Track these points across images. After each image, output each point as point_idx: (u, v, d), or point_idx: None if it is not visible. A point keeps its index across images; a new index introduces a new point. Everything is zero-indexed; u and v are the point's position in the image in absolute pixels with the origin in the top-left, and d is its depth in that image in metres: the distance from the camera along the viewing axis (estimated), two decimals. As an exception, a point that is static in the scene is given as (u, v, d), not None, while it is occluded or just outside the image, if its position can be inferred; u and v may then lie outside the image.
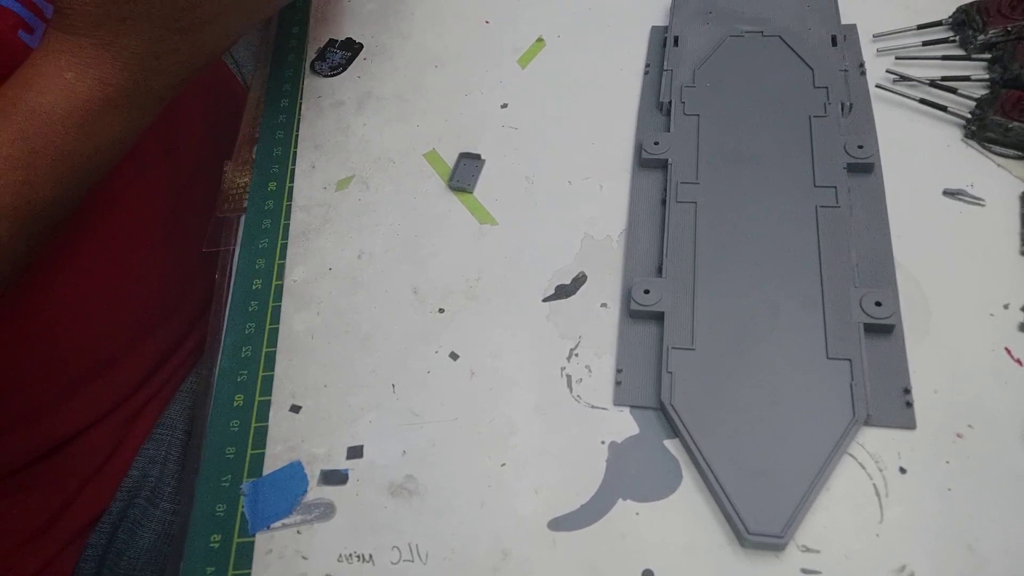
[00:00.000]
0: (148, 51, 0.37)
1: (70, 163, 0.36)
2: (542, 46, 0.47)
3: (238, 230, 0.44)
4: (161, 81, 0.39)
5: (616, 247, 0.39)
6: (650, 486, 0.32)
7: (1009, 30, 0.40)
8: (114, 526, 0.49)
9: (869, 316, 0.33)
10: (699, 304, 0.35)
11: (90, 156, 0.37)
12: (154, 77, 0.38)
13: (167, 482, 0.49)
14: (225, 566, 0.33)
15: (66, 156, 0.36)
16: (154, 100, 0.39)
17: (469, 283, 0.39)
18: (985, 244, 0.36)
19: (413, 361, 0.37)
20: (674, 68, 0.43)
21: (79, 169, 0.37)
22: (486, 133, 0.44)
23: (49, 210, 0.36)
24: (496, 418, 0.35)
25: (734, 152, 0.39)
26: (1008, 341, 0.33)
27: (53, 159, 0.35)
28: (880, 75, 0.41)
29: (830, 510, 0.30)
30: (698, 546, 0.31)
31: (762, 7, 0.44)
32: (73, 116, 0.35)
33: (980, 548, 0.29)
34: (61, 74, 0.35)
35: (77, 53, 0.35)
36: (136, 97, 0.38)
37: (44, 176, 0.35)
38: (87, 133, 0.36)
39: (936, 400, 0.32)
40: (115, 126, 0.37)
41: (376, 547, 0.32)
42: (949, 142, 0.39)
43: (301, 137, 0.46)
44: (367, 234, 0.42)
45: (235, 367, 0.38)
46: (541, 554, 0.31)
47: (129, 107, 0.38)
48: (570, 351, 0.36)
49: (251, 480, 0.35)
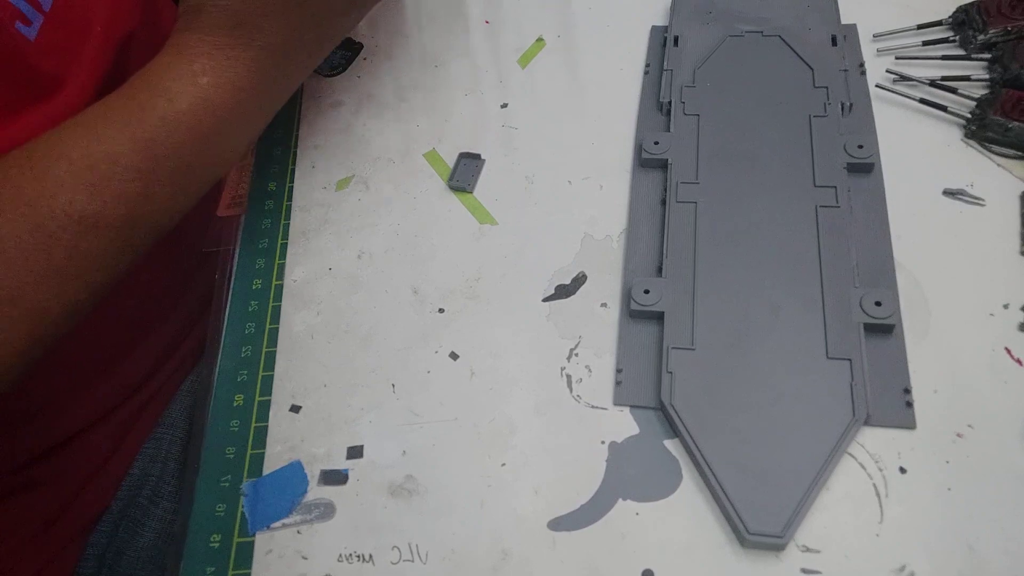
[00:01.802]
0: (280, 47, 0.35)
1: (190, 174, 0.35)
2: (542, 46, 0.47)
3: (238, 230, 0.44)
4: (286, 84, 0.38)
5: (616, 247, 0.39)
6: (650, 486, 0.32)
7: (1009, 30, 0.40)
8: (115, 525, 0.49)
9: (869, 316, 0.33)
10: (699, 304, 0.35)
11: (208, 167, 0.36)
12: (281, 77, 0.37)
13: (168, 481, 0.49)
14: (225, 566, 0.33)
15: (186, 167, 0.34)
16: (274, 104, 0.38)
17: (469, 283, 0.39)
18: (985, 244, 0.36)
19: (413, 361, 0.37)
20: (674, 68, 0.43)
21: (196, 181, 0.35)
22: (486, 133, 0.44)
23: (159, 221, 0.35)
24: (496, 418, 0.35)
25: (734, 152, 0.39)
26: (1008, 341, 0.33)
27: (173, 170, 0.34)
28: (880, 75, 0.41)
29: (830, 510, 0.30)
30: (698, 546, 0.31)
31: (762, 7, 0.44)
32: (203, 125, 0.34)
33: (980, 548, 0.29)
34: (196, 79, 0.33)
35: (214, 55, 0.34)
36: (263, 103, 0.37)
37: (162, 187, 0.34)
38: (212, 143, 0.35)
39: (936, 400, 0.32)
40: (238, 135, 0.36)
41: (376, 547, 0.32)
42: (949, 142, 0.39)
43: (301, 137, 0.46)
44: (367, 234, 0.42)
45: (235, 367, 0.38)
46: (541, 554, 0.31)
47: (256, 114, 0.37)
48: (570, 351, 0.36)
49: (251, 480, 0.35)
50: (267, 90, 0.36)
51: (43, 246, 0.31)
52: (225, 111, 0.34)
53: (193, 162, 0.34)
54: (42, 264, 0.31)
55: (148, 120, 0.33)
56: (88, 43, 0.41)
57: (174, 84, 0.33)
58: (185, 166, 0.34)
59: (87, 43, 0.41)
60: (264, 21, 0.34)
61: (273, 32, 0.34)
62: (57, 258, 0.31)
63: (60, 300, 0.32)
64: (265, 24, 0.34)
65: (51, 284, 0.32)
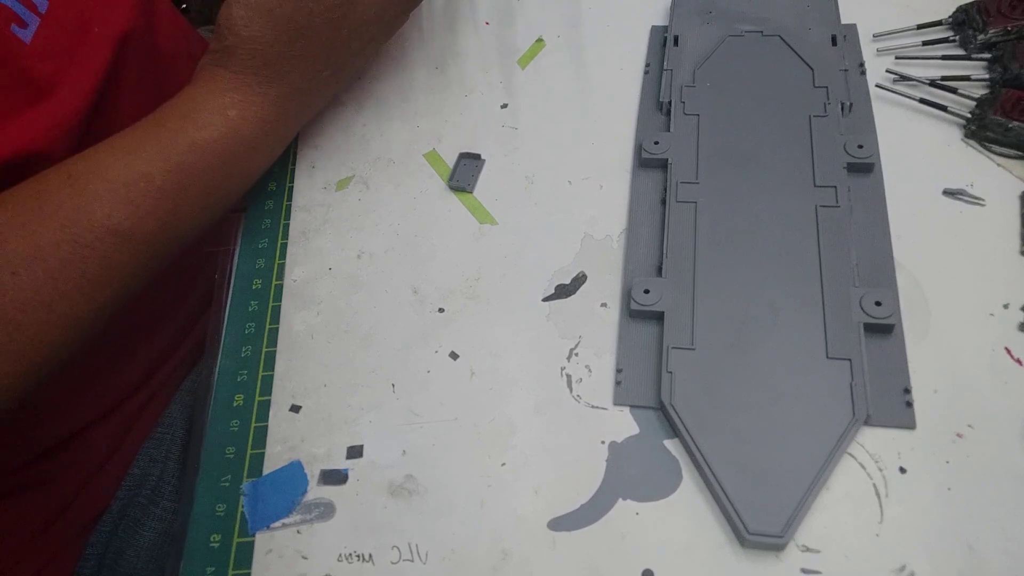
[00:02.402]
0: (304, 87, 0.39)
1: (215, 195, 0.38)
2: (542, 46, 0.47)
3: (238, 230, 0.44)
4: (306, 115, 0.42)
5: (616, 247, 0.39)
6: (650, 486, 0.32)
7: (1009, 30, 0.40)
8: (115, 524, 0.49)
9: (869, 316, 0.33)
10: (699, 304, 0.35)
11: (233, 189, 0.39)
12: (302, 110, 0.41)
13: (168, 481, 0.49)
14: (225, 566, 0.33)
15: (213, 189, 0.38)
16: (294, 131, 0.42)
17: (469, 283, 0.39)
18: (985, 244, 0.36)
19: (413, 361, 0.37)
20: (674, 68, 0.43)
21: (221, 200, 0.39)
22: (486, 133, 0.44)
23: (185, 236, 0.38)
24: (496, 418, 0.35)
25: (734, 152, 0.39)
26: (1008, 341, 0.33)
27: (201, 192, 0.37)
28: (880, 75, 0.41)
29: (830, 510, 0.30)
30: (698, 546, 0.31)
31: (762, 7, 0.44)
32: (229, 153, 0.37)
33: (980, 548, 0.29)
34: (224, 112, 0.37)
35: (242, 91, 0.37)
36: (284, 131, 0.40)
37: (190, 207, 0.37)
38: (238, 167, 0.38)
39: (936, 400, 0.32)
40: (261, 159, 0.40)
41: (376, 547, 0.32)
42: (949, 142, 0.39)
43: (301, 137, 0.46)
44: (367, 234, 0.42)
45: (235, 367, 0.38)
46: (541, 554, 0.31)
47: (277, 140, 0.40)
48: (570, 351, 0.36)
49: (251, 480, 0.35)
50: (289, 122, 0.40)
51: (79, 257, 0.33)
52: (250, 140, 0.38)
53: (219, 184, 0.38)
54: (78, 273, 0.34)
55: (179, 146, 0.36)
56: (84, 46, 0.41)
57: (204, 115, 0.37)
58: (211, 187, 0.37)
59: (83, 46, 0.41)
60: (289, 64, 0.38)
61: (296, 73, 0.38)
62: (92, 268, 0.34)
63: (91, 307, 0.34)
64: (289, 67, 0.38)
65: (85, 292, 0.34)
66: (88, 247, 0.34)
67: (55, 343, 0.34)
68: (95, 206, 0.34)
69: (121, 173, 0.35)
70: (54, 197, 0.34)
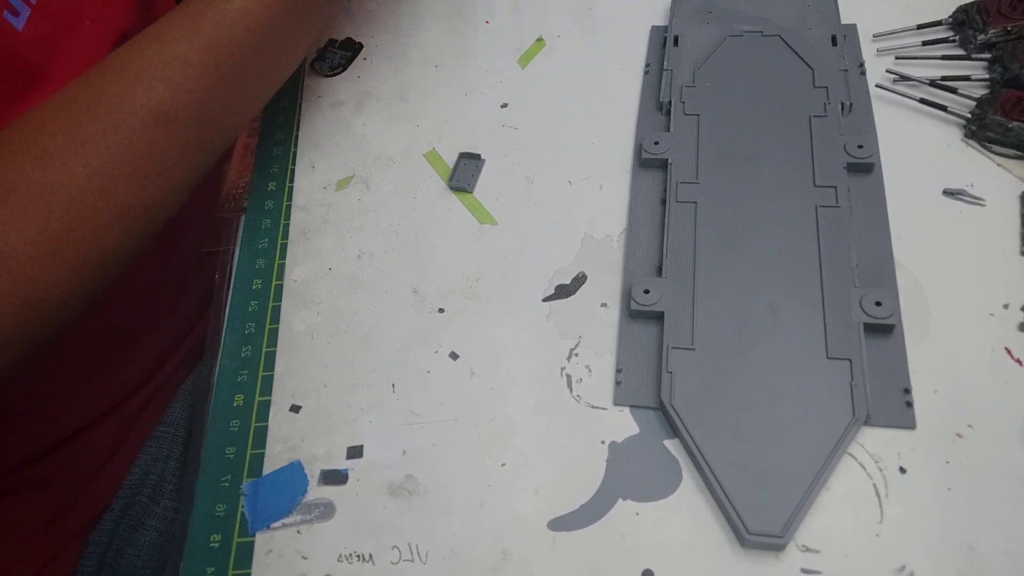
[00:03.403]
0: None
1: (249, 74, 0.38)
2: (542, 46, 0.47)
3: (238, 230, 0.44)
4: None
5: (616, 247, 0.39)
6: (650, 486, 0.32)
7: (1009, 30, 0.40)
8: (115, 523, 0.49)
9: (869, 316, 0.33)
10: (699, 304, 0.35)
11: (265, 70, 0.39)
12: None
13: (169, 480, 0.49)
14: (225, 566, 0.33)
15: (246, 65, 0.38)
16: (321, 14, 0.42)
17: (469, 283, 0.39)
18: (985, 244, 0.36)
19: (413, 361, 0.37)
20: (674, 68, 0.43)
21: (254, 84, 0.39)
22: (486, 133, 0.44)
23: (224, 122, 0.38)
24: (496, 418, 0.35)
25: (734, 152, 0.39)
26: (1008, 341, 0.33)
27: (233, 68, 0.37)
28: (880, 75, 0.41)
29: (830, 510, 0.30)
30: (698, 546, 0.31)
31: (762, 7, 0.44)
32: (257, 24, 0.37)
33: (980, 548, 0.29)
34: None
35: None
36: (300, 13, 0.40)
37: (226, 85, 0.37)
38: (267, 43, 0.38)
39: (936, 400, 0.32)
40: (287, 38, 0.40)
41: (376, 547, 0.32)
42: (949, 142, 0.39)
43: (301, 137, 0.46)
44: (367, 234, 0.42)
45: (235, 367, 0.38)
46: (541, 554, 0.31)
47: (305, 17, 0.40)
48: (570, 351, 0.36)
49: (251, 480, 0.35)
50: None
51: (126, 142, 0.34)
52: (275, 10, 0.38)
53: (251, 61, 0.38)
54: (127, 160, 0.34)
55: (208, 20, 0.36)
56: (76, 35, 0.42)
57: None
58: (245, 64, 0.37)
59: (75, 35, 0.42)
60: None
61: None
62: (140, 155, 0.34)
63: (142, 198, 0.35)
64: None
65: (135, 180, 0.34)
66: (133, 132, 0.34)
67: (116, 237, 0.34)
68: (135, 86, 0.34)
69: (156, 55, 0.35)
70: (94, 86, 0.34)
